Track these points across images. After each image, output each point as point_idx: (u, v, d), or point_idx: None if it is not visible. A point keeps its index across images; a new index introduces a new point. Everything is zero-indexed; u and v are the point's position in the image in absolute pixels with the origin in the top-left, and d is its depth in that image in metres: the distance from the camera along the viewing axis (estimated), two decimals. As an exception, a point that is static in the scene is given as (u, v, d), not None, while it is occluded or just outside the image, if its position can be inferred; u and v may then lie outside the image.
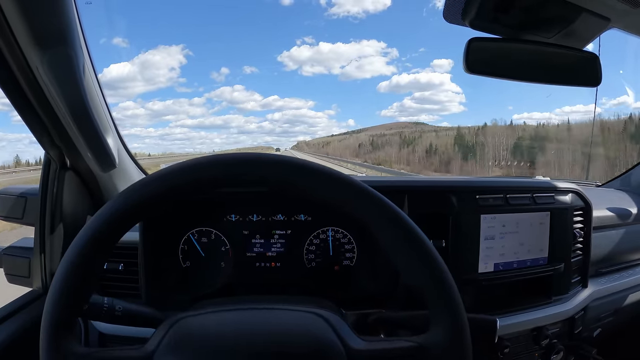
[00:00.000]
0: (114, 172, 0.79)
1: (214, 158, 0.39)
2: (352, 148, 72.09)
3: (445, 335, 0.37)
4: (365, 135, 77.97)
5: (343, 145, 76.85)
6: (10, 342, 0.67)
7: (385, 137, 69.51)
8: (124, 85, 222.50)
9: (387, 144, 62.44)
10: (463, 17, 0.70)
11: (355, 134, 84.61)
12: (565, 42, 0.75)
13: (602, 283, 0.95)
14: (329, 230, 0.76)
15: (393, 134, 71.38)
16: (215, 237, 0.75)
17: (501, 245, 0.79)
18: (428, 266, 0.37)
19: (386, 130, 76.75)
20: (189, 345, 0.38)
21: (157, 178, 0.38)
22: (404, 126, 79.65)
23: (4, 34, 0.53)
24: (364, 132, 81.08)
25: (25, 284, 0.79)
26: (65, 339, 0.36)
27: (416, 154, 52.24)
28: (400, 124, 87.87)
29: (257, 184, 0.39)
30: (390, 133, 71.18)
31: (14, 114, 2.72)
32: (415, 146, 52.13)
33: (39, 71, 0.56)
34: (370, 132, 79.19)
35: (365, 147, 66.05)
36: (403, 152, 56.93)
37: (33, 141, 0.70)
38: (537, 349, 0.82)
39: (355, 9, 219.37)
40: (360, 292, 0.75)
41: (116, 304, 0.50)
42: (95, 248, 0.37)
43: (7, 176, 19.60)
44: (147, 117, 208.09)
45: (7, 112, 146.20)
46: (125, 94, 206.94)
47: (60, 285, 0.36)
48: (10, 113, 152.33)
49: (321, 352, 0.38)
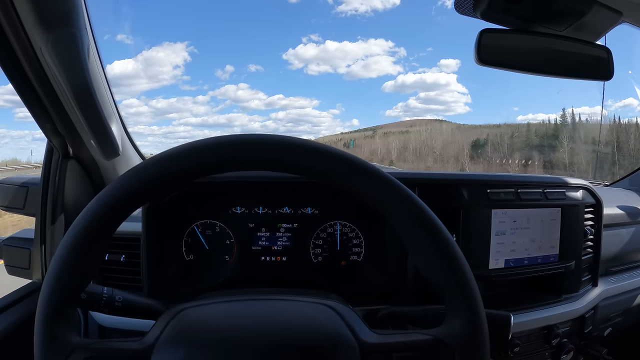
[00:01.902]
0: (117, 161, 0.78)
1: (245, 137, 0.37)
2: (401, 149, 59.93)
3: (463, 327, 0.36)
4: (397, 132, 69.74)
5: (382, 145, 63.88)
6: (8, 334, 0.66)
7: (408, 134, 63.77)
8: (128, 82, 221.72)
9: (451, 143, 51.85)
10: (474, 9, 0.70)
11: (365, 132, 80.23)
12: (576, 35, 0.74)
13: (612, 282, 0.93)
14: (337, 224, 0.75)
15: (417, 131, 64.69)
16: (219, 230, 0.73)
17: (512, 241, 0.77)
18: (449, 259, 0.36)
19: (409, 127, 71.97)
20: (192, 337, 0.36)
21: (165, 158, 0.36)
22: (426, 122, 75.38)
23: (7, 14, 0.52)
24: (382, 130, 76.20)
25: (25, 275, 0.78)
26: (61, 328, 0.35)
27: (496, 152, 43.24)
28: (420, 120, 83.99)
29: (271, 166, 0.38)
30: (415, 130, 65.52)
31: (17, 110, 2.67)
32: (486, 146, 43.96)
33: (42, 53, 0.55)
34: (385, 129, 74.91)
35: (424, 149, 55.35)
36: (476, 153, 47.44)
37: (36, 138, 0.69)
38: (548, 348, 0.81)
39: (364, 7, 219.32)
40: (368, 288, 0.73)
41: (116, 295, 0.47)
42: (93, 233, 0.35)
43: (30, 171, 19.46)
44: (150, 115, 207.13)
45: (9, 109, 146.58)
46: (129, 91, 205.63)
47: (56, 272, 0.35)
48: (13, 110, 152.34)
49: (334, 345, 0.36)
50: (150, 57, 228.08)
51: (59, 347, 0.34)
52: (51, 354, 0.34)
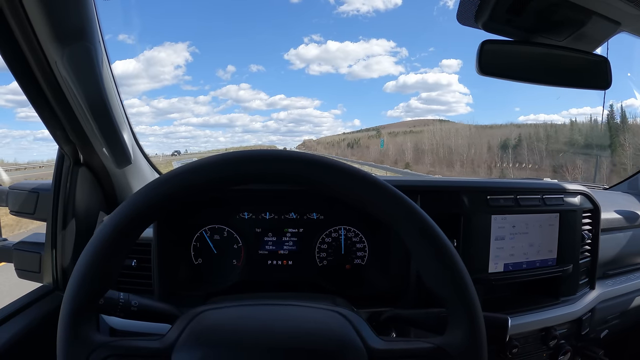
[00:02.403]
0: (127, 169, 0.79)
1: (254, 153, 0.39)
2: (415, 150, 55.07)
3: (464, 338, 0.38)
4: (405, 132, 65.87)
5: (393, 145, 59.63)
6: (22, 337, 0.67)
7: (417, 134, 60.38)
8: (129, 82, 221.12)
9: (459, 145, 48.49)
10: (476, 19, 0.71)
11: (368, 132, 77.84)
12: (576, 45, 0.75)
13: (609, 285, 0.95)
14: (341, 229, 0.77)
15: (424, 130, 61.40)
16: (227, 235, 0.75)
17: (511, 246, 0.79)
18: (450, 271, 0.38)
19: (413, 127, 68.95)
20: (210, 338, 0.38)
21: (185, 172, 0.38)
22: (427, 123, 72.74)
23: (24, 29, 0.54)
24: (386, 129, 73.49)
25: (36, 279, 0.80)
26: (83, 327, 0.36)
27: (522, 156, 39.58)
28: (422, 120, 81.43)
29: (277, 180, 0.39)
30: (417, 130, 62.45)
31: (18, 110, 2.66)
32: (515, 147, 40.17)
33: (57, 66, 0.57)
34: (389, 129, 72.38)
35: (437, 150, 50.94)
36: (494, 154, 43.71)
37: (38, 138, 0.71)
38: (545, 350, 0.83)
39: (365, 8, 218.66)
40: (371, 291, 0.75)
41: (132, 300, 0.49)
42: (117, 242, 0.37)
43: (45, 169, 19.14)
44: (151, 115, 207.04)
45: (11, 109, 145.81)
46: (130, 91, 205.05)
47: (82, 274, 0.36)
48: (14, 109, 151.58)
49: (343, 350, 0.38)
50: (152, 57, 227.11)
51: (81, 345, 0.36)
52: (74, 351, 0.36)
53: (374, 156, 55.46)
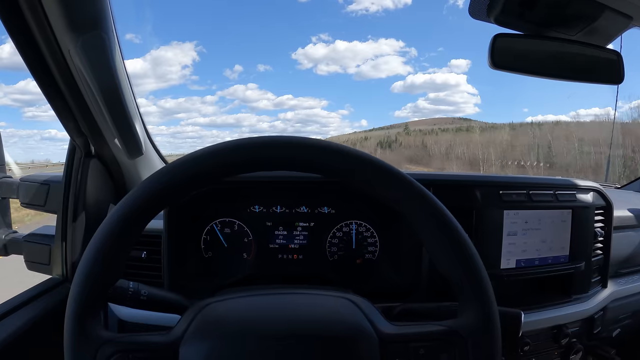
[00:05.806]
0: (138, 161, 0.80)
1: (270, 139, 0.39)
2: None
3: (477, 320, 0.37)
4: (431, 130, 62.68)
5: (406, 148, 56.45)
6: (29, 328, 0.67)
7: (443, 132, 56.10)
8: (136, 82, 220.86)
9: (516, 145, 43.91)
10: (488, 13, 0.71)
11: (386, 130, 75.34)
12: (588, 39, 0.75)
13: (621, 284, 0.94)
14: (352, 223, 0.76)
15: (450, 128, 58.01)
16: (238, 228, 0.75)
17: (523, 242, 0.79)
18: (464, 256, 0.38)
19: (433, 126, 67.19)
20: (217, 330, 0.38)
21: (191, 160, 0.38)
22: (450, 122, 70.82)
23: (37, 18, 0.54)
24: (395, 130, 70.99)
25: (45, 271, 0.80)
26: (90, 323, 0.36)
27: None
28: (445, 119, 79.73)
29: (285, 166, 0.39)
30: (441, 129, 60.32)
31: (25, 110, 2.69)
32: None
33: (70, 55, 0.57)
34: (414, 126, 69.78)
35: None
36: None
37: (45, 137, 0.70)
38: (557, 348, 0.82)
39: (375, 7, 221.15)
40: (382, 285, 0.74)
41: (141, 289, 0.49)
42: (123, 231, 0.37)
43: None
44: (158, 115, 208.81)
45: (18, 108, 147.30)
46: (137, 91, 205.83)
47: (87, 268, 0.36)
48: (22, 109, 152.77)
49: (354, 336, 0.38)
50: (159, 57, 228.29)
51: (88, 341, 0.35)
52: (81, 347, 0.35)
53: (433, 161, 49.49)
